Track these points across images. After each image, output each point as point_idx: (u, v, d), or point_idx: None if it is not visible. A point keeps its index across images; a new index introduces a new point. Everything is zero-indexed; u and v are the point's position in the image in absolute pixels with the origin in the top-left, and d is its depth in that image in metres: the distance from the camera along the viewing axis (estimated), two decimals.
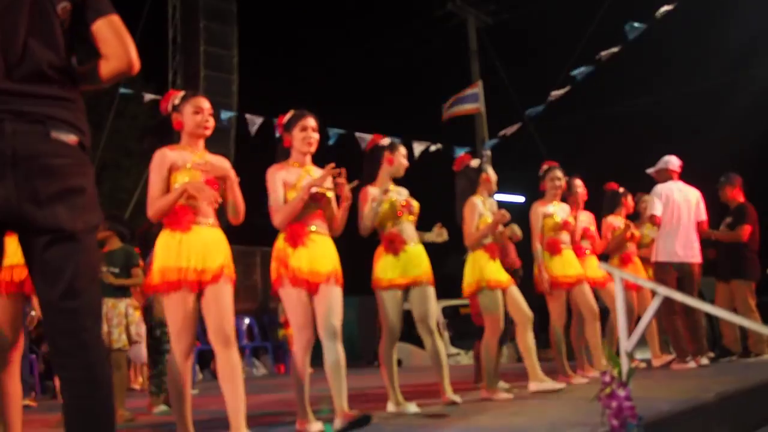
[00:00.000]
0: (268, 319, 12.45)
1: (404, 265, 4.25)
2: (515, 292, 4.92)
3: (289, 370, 3.86)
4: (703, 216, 6.42)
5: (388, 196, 4.28)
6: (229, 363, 3.25)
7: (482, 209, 4.92)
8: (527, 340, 4.92)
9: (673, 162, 6.52)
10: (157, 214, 3.26)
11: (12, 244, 1.99)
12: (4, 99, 1.79)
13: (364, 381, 7.10)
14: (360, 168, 4.29)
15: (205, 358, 10.19)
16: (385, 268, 4.24)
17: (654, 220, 6.27)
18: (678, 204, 6.27)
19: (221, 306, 3.25)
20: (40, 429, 4.56)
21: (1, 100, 1.78)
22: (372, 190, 4.26)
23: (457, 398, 4.31)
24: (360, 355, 13.24)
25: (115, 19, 2.00)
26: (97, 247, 1.91)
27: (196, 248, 3.23)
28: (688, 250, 6.22)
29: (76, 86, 1.96)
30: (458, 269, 7.43)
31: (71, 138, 1.87)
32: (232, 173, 3.45)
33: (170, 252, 3.22)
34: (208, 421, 4.24)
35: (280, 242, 3.71)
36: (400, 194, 4.38)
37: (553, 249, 5.58)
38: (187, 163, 3.31)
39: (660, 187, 6.37)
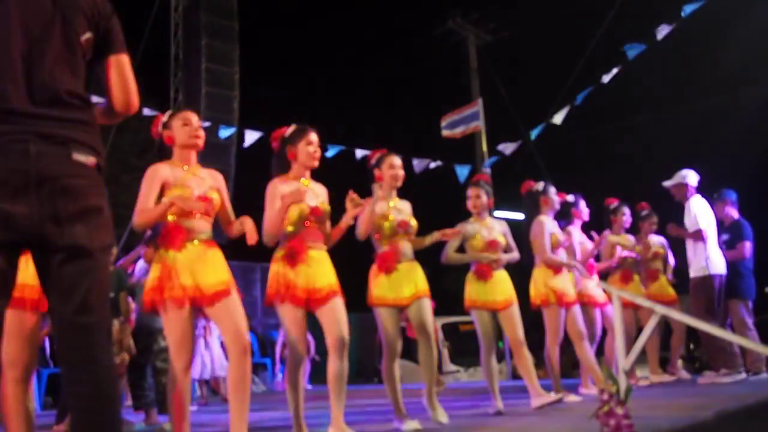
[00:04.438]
0: (267, 336, 12.43)
1: (398, 284, 4.15)
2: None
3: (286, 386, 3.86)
4: None
5: (388, 213, 4.21)
6: (243, 371, 3.28)
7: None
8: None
9: (691, 177, 6.56)
10: (141, 225, 3.31)
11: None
12: (29, 122, 1.87)
13: (365, 397, 7.10)
14: (359, 183, 4.28)
15: None
16: (380, 286, 4.16)
17: (701, 235, 6.26)
18: (710, 217, 6.40)
19: (234, 315, 3.30)
20: None
21: (26, 122, 1.86)
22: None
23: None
24: (359, 373, 13.21)
25: (124, 59, 2.12)
26: (109, 266, 1.98)
27: (190, 266, 3.26)
28: (722, 262, 6.37)
29: (93, 111, 2.05)
30: (457, 286, 7.44)
31: (90, 159, 1.96)
32: (224, 186, 3.59)
33: (165, 271, 3.25)
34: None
35: (278, 260, 3.70)
36: (400, 212, 4.30)
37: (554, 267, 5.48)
38: (179, 180, 3.37)
39: (696, 202, 6.43)
